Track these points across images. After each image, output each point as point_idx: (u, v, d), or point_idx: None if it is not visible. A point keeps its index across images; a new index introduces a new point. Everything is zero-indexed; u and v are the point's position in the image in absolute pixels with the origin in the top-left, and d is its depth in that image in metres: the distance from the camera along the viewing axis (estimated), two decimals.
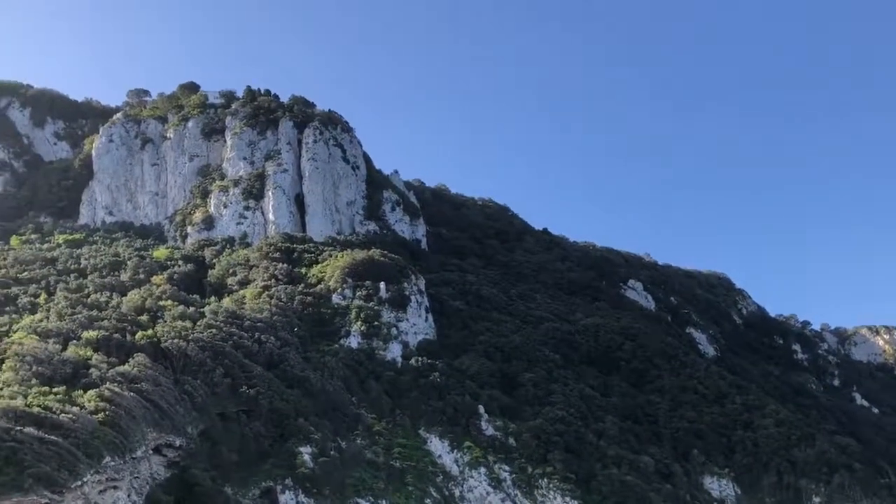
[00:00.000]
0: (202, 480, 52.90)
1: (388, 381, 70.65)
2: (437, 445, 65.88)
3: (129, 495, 48.08)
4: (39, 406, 48.30)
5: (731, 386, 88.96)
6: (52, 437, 45.64)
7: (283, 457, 58.72)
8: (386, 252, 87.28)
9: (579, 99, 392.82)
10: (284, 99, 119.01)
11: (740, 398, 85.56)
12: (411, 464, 62.82)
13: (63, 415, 48.18)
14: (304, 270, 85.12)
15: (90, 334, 62.16)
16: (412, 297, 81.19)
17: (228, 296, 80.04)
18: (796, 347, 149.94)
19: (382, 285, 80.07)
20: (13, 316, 67.77)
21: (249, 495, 55.91)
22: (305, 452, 59.17)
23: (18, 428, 45.09)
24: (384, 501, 58.49)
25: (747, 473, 74.61)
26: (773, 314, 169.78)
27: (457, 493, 62.65)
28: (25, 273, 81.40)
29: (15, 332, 62.75)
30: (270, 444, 59.54)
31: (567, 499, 62.65)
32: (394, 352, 75.10)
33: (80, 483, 44.75)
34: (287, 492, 56.68)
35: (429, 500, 60.58)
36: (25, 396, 49.74)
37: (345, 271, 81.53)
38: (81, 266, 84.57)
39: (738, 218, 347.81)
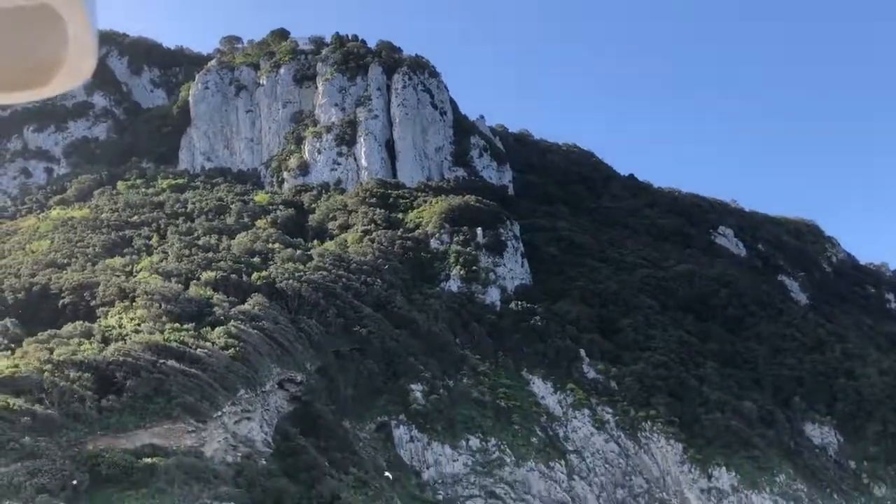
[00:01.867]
0: (324, 414, 55.52)
1: (490, 324, 71.99)
2: (539, 387, 67.17)
3: (261, 426, 50.84)
4: (176, 341, 51.25)
5: (830, 334, 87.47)
6: (193, 370, 48.54)
7: (396, 394, 61.04)
8: (481, 198, 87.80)
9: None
10: (372, 44, 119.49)
11: (840, 346, 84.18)
12: (516, 404, 64.36)
13: (199, 350, 51.00)
14: (400, 216, 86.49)
15: (209, 275, 65.00)
16: (508, 243, 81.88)
17: (330, 240, 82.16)
18: (889, 297, 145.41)
19: (479, 231, 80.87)
20: (133, 257, 71.24)
21: (366, 429, 58.51)
22: (416, 390, 61.31)
23: (162, 361, 48.03)
24: (493, 439, 60.33)
25: (850, 422, 73.79)
26: (863, 262, 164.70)
27: (561, 433, 64.04)
28: (136, 217, 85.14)
29: (138, 272, 66.21)
30: (383, 381, 61.82)
31: (672, 442, 63.37)
32: (493, 296, 76.26)
33: (219, 413, 47.58)
34: (401, 427, 59.07)
35: (535, 439, 62.17)
36: (162, 332, 52.81)
37: (442, 217, 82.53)
38: (188, 210, 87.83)
39: (826, 162, 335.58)
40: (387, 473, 54.15)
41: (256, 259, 71.61)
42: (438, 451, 58.08)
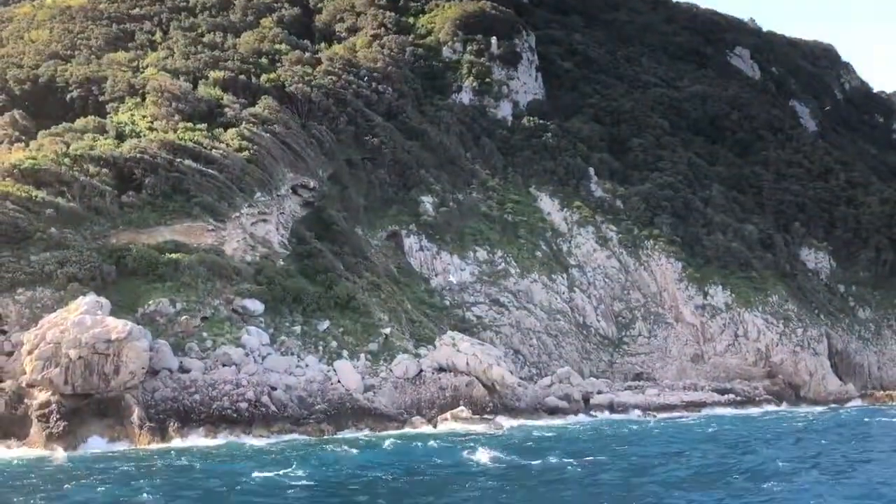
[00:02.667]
0: (338, 220, 56.47)
1: (501, 139, 71.46)
2: (546, 203, 67.98)
3: (276, 229, 51.81)
4: (191, 141, 50.87)
5: (837, 162, 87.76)
6: (210, 170, 48.63)
7: (407, 204, 61.76)
8: (496, 4, 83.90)
9: None
10: None
11: (845, 175, 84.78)
12: (523, 219, 65.44)
13: (214, 150, 50.80)
14: (411, 20, 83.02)
15: (217, 74, 63.20)
16: (523, 55, 79.36)
17: (338, 43, 79.25)
18: None
19: (494, 40, 78.05)
20: (137, 52, 68.91)
21: (377, 237, 59.76)
22: (427, 202, 61.98)
23: (179, 160, 47.98)
24: (499, 251, 61.94)
25: (845, 248, 75.92)
26: (876, 90, 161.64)
27: (564, 248, 65.67)
28: (136, 9, 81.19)
29: (144, 68, 64.35)
30: (394, 191, 62.30)
31: (672, 260, 65.27)
32: (504, 110, 75.11)
33: (237, 215, 48.31)
34: (411, 236, 60.33)
35: (539, 253, 63.86)
36: (175, 131, 52.27)
37: (455, 23, 79.29)
38: (190, 4, 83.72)
39: None
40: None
41: (264, 60, 69.41)
42: (447, 260, 59.75)
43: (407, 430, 38.14)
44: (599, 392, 51.40)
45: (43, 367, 33.09)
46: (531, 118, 73.79)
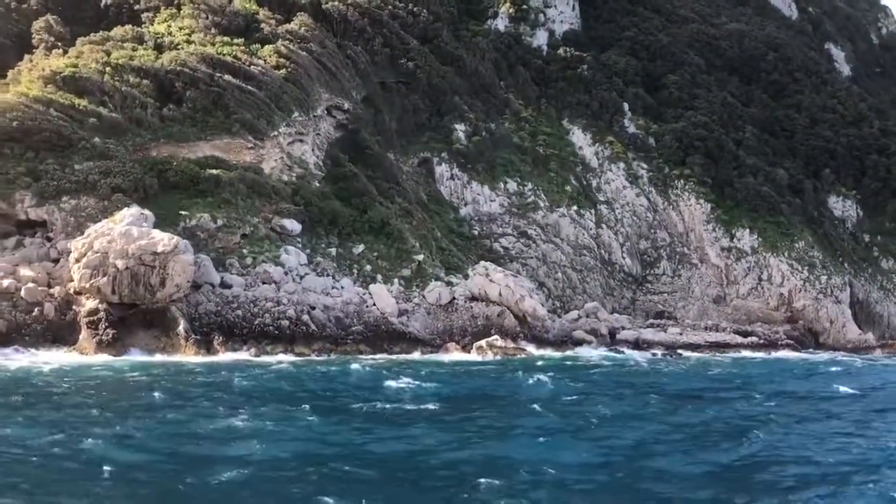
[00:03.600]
0: (371, 144, 56.24)
1: (536, 68, 70.28)
2: (579, 137, 67.39)
3: (312, 150, 51.76)
4: (230, 56, 50.30)
5: (871, 109, 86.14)
6: (249, 87, 48.24)
7: (440, 131, 61.33)
8: None
9: None
10: None
11: (878, 122, 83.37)
12: (554, 152, 64.99)
13: (252, 66, 50.27)
14: None
15: None
16: None
17: None
18: None
19: None
20: None
21: (409, 163, 59.63)
22: (460, 129, 61.53)
23: (219, 74, 47.56)
24: (529, 183, 61.78)
25: (873, 198, 75.35)
26: None
27: (594, 183, 65.45)
28: None
29: None
30: (427, 117, 61.79)
31: (701, 201, 65.03)
32: (540, 39, 73.64)
33: (275, 133, 48.19)
34: (443, 164, 60.17)
35: (568, 187, 63.66)
36: (213, 45, 51.62)
37: None
38: None
39: None
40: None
41: None
42: (477, 189, 59.71)
43: (441, 355, 38.90)
44: (623, 328, 52.08)
45: (91, 275, 33.67)
46: (567, 49, 72.42)
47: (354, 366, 31.66)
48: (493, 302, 43.27)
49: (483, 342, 38.92)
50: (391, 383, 26.43)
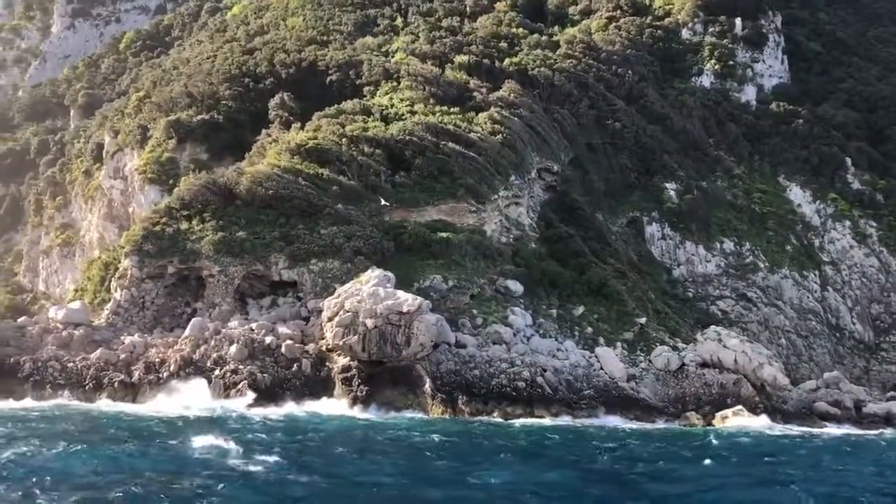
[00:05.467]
0: (581, 204, 56.19)
1: (746, 124, 67.77)
2: (797, 194, 63.80)
3: (527, 211, 52.43)
4: (451, 124, 52.46)
5: None
6: (471, 153, 49.91)
7: (649, 191, 60.29)
8: None
9: None
10: None
11: None
12: (772, 209, 61.82)
13: (472, 133, 52.09)
14: (647, 1, 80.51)
15: (462, 59, 64.62)
16: (769, 36, 74.62)
17: (571, 26, 78.50)
18: None
19: (738, 21, 73.98)
20: (384, 37, 71.96)
21: (618, 223, 58.85)
22: (670, 188, 60.17)
23: (443, 142, 49.63)
24: (747, 243, 59.01)
25: None
26: None
27: (817, 243, 61.46)
28: None
29: (393, 52, 67.10)
30: (636, 177, 61.04)
31: None
32: (748, 94, 71.11)
33: (495, 197, 49.29)
34: (653, 223, 58.89)
35: (789, 247, 60.16)
36: (433, 114, 54.11)
37: (696, 4, 75.78)
38: None
39: None
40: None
41: (503, 44, 70.15)
42: (691, 250, 57.80)
43: (679, 424, 37.22)
44: (866, 401, 47.61)
45: (343, 333, 35.49)
46: (779, 103, 69.35)
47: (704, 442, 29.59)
48: (727, 369, 41.06)
49: (729, 412, 36.91)
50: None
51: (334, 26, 73.51)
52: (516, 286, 44.17)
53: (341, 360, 35.25)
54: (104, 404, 32.41)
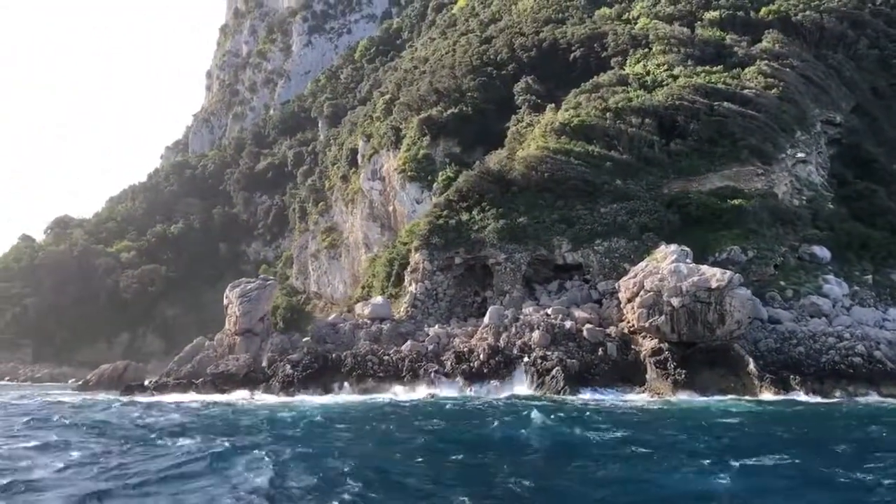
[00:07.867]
0: (876, 156, 49.80)
1: None
2: None
3: (817, 169, 47.24)
4: (721, 83, 48.56)
5: None
6: (750, 111, 45.79)
7: None
8: None
9: None
10: None
11: None
12: None
13: (745, 91, 47.84)
14: None
15: (712, 15, 59.98)
16: None
17: None
18: None
19: None
20: (620, 5, 68.72)
21: None
22: None
23: (717, 103, 45.97)
24: None
25: None
26: None
27: None
28: None
29: (634, 20, 63.75)
30: None
31: None
32: None
33: (782, 156, 44.83)
34: None
35: None
36: (697, 75, 50.44)
37: None
38: None
39: None
40: None
41: None
42: None
43: None
44: None
45: (647, 314, 33.49)
46: None
47: None
48: None
49: None
50: None
51: (567, 2, 71.48)
52: (823, 252, 39.68)
53: (648, 343, 33.30)
54: (421, 392, 32.43)
